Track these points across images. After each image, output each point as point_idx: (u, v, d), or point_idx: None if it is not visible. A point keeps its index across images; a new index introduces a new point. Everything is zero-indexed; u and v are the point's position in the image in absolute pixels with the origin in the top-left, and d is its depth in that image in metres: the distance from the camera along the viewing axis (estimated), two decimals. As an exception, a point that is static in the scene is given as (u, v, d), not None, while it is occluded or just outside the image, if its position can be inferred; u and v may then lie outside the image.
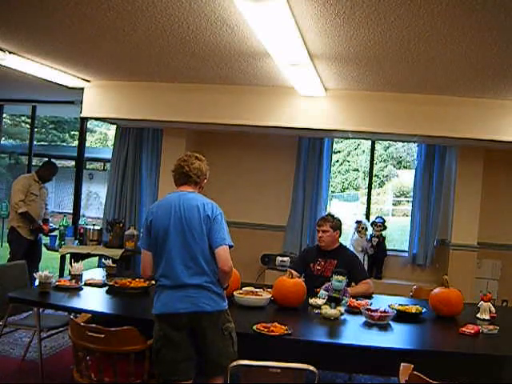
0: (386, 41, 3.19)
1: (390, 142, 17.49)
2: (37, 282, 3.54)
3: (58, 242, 5.71)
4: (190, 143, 6.10)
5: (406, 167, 21.25)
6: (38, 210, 5.64)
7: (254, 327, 2.86)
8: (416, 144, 6.32)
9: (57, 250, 5.60)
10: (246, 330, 2.86)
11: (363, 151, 20.61)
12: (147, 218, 2.80)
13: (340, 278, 3.36)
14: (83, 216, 6.88)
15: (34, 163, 8.11)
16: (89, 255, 5.50)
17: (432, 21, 2.77)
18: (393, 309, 3.38)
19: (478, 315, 3.45)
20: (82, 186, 6.99)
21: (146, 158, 6.46)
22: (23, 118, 17.18)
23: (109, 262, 4.27)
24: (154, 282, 3.64)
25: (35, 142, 11.25)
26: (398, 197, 20.47)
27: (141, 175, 6.49)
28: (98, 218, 10.85)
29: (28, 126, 12.96)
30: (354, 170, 21.91)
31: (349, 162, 22.05)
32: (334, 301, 3.32)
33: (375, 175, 19.10)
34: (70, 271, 3.87)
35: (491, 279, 5.88)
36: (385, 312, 3.24)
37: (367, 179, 7.29)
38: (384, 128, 4.78)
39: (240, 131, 5.92)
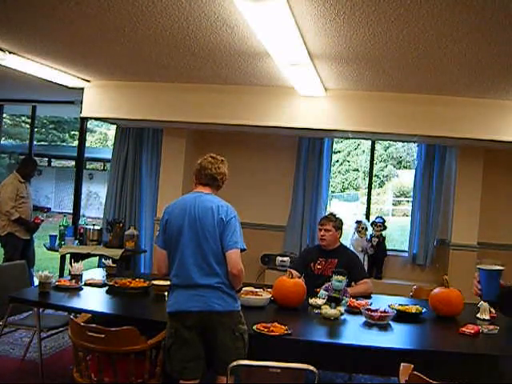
0: (385, 41, 3.19)
1: (390, 142, 17.50)
2: (37, 282, 3.54)
3: (58, 241, 5.71)
4: (190, 143, 6.11)
5: (406, 167, 21.24)
6: (29, 210, 5.74)
7: (254, 327, 2.87)
8: (416, 144, 6.32)
9: (57, 250, 5.60)
10: (246, 330, 2.86)
11: (363, 151, 20.61)
12: (163, 217, 2.84)
13: (340, 278, 3.36)
14: (83, 216, 6.87)
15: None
16: (89, 255, 5.50)
17: (432, 21, 2.77)
18: (393, 309, 3.38)
19: (478, 315, 3.45)
20: (82, 186, 7.00)
21: (146, 157, 6.46)
22: (23, 118, 17.21)
23: (109, 262, 4.28)
24: (152, 282, 3.69)
25: (35, 142, 11.27)
26: (397, 197, 20.47)
27: (141, 175, 6.49)
28: (98, 218, 10.85)
29: (28, 126, 12.96)
30: (354, 170, 21.91)
31: (349, 162, 22.05)
32: (334, 301, 3.32)
33: (375, 175, 19.09)
34: (69, 271, 3.87)
35: (491, 279, 5.87)
36: (385, 312, 3.24)
37: (367, 179, 7.30)
38: (384, 128, 4.78)
39: (240, 131, 5.92)
